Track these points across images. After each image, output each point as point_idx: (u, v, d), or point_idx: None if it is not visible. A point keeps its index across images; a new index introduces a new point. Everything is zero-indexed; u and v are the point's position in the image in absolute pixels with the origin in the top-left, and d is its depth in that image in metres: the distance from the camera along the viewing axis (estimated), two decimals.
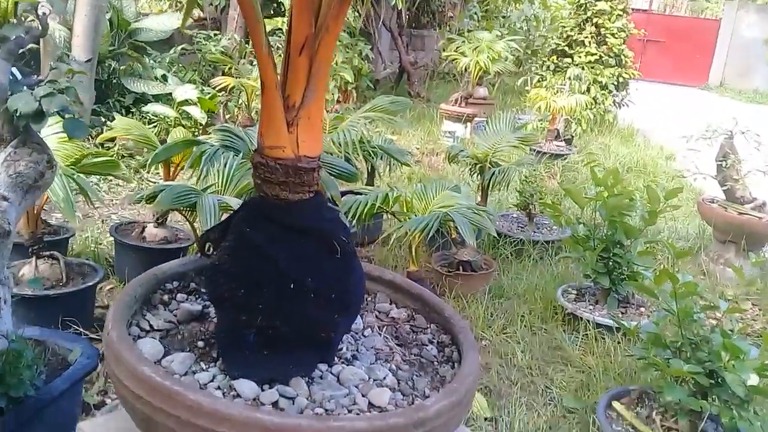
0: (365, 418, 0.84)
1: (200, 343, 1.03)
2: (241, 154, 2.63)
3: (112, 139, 5.03)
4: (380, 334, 1.15)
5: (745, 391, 1.92)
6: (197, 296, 1.17)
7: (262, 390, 0.93)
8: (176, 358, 0.96)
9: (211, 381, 0.94)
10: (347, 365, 1.04)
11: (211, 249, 1.07)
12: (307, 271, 0.97)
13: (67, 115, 1.69)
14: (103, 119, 4.78)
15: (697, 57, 14.70)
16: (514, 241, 3.86)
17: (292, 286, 0.95)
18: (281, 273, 0.96)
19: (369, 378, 1.01)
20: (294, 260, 0.97)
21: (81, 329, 2.52)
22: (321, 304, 0.98)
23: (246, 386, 0.92)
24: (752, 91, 13.57)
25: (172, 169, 3.10)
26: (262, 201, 1.02)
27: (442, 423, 0.88)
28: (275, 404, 0.91)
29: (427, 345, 1.14)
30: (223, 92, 4.53)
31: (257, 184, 1.01)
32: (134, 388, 0.84)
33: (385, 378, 1.02)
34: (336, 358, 1.05)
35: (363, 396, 0.96)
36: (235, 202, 2.19)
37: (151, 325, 1.04)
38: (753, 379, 1.93)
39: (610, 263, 2.96)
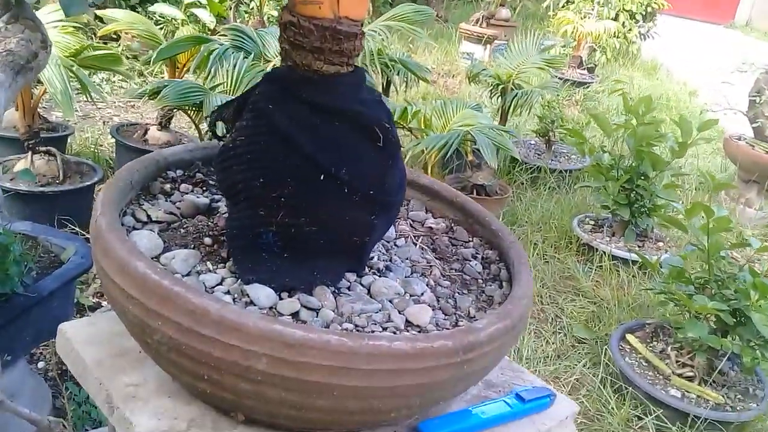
0: (406, 338, 0.68)
1: (207, 240, 0.86)
2: (252, 56, 2.47)
3: (117, 39, 4.83)
4: (416, 245, 0.99)
5: None
6: (204, 188, 1.01)
7: (281, 298, 0.78)
8: (178, 255, 0.80)
9: (219, 284, 0.79)
10: (379, 276, 0.88)
11: (224, 130, 0.90)
12: (342, 160, 0.80)
13: None
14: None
15: None
16: (530, 168, 3.72)
17: (321, 177, 0.79)
18: (309, 160, 0.79)
19: (405, 292, 0.85)
20: (326, 146, 0.80)
21: (78, 229, 2.42)
22: (356, 201, 0.81)
23: (261, 293, 0.77)
24: None
25: (177, 70, 2.94)
26: (289, 72, 0.82)
27: (493, 349, 0.74)
28: (295, 315, 0.77)
29: (470, 260, 0.96)
30: None
31: (285, 50, 0.81)
32: (125, 286, 0.69)
33: (422, 294, 0.85)
34: (366, 268, 0.90)
35: (399, 313, 0.82)
36: None
37: (149, 216, 0.89)
38: None
39: (633, 195, 2.84)
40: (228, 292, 0.78)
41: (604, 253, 2.85)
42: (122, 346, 0.87)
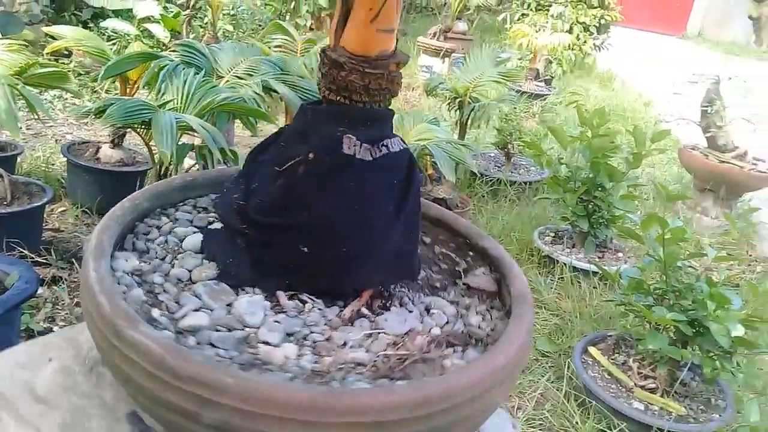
0: None
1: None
2: (203, 71, 2.41)
3: (68, 56, 4.72)
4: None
5: (729, 341, 1.84)
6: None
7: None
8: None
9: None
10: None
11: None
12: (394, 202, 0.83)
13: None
14: (44, 16, 4.43)
15: (676, 5, 14.49)
16: (490, 180, 3.73)
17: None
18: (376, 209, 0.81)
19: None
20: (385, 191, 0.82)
21: (27, 252, 2.33)
22: (409, 238, 0.85)
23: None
24: (729, 43, 13.47)
25: (129, 88, 2.86)
26: (340, 110, 0.82)
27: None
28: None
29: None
30: (187, 9, 4.23)
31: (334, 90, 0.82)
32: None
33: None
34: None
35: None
36: (196, 121, 1.99)
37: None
38: (738, 330, 1.84)
39: (590, 206, 2.85)
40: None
41: (565, 264, 2.86)
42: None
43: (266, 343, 0.70)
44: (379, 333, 0.76)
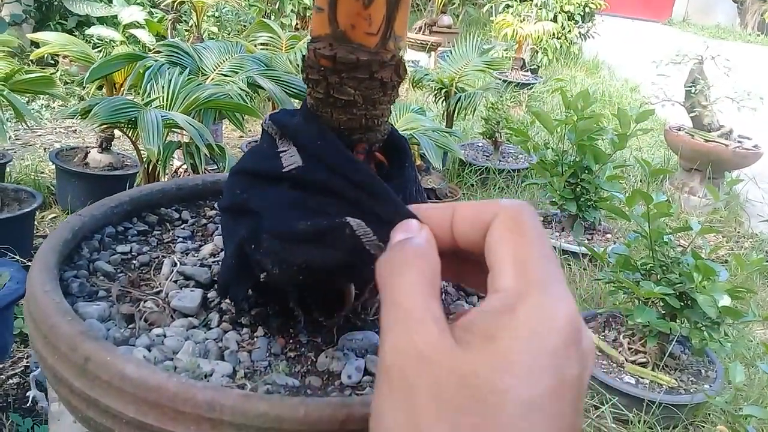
0: None
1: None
2: (188, 70, 2.43)
3: (54, 65, 4.73)
4: None
5: (716, 312, 1.87)
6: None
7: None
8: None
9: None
10: None
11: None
12: None
13: None
14: (26, 16, 4.44)
15: None
16: (479, 169, 3.75)
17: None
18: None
19: None
20: None
21: (18, 258, 2.34)
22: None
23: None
24: (714, 27, 13.55)
25: (115, 91, 2.88)
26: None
27: None
28: None
29: None
30: (172, 12, 4.24)
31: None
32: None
33: None
34: None
35: None
36: (182, 119, 2.00)
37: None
38: (725, 300, 1.87)
39: (578, 189, 2.88)
40: None
41: (555, 248, 2.88)
42: None
43: None
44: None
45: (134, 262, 0.68)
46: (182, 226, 0.75)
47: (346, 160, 0.52)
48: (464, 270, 0.41)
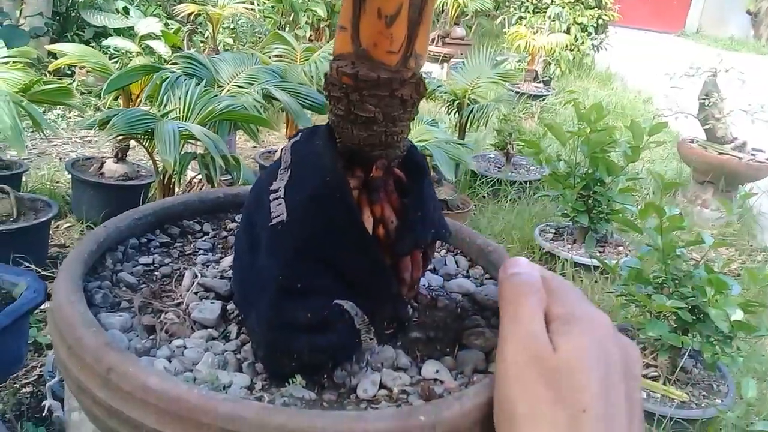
0: None
1: None
2: (204, 82, 2.46)
3: (71, 75, 4.79)
4: None
5: (728, 326, 1.86)
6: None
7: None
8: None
9: None
10: None
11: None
12: None
13: (5, 22, 1.51)
14: (47, 29, 4.50)
15: (674, 3, 14.53)
16: (491, 181, 3.76)
17: None
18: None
19: None
20: None
21: (34, 267, 2.38)
22: None
23: None
24: (728, 39, 13.49)
25: (132, 102, 2.92)
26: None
27: None
28: None
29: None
30: (188, 23, 4.30)
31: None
32: None
33: None
34: None
35: None
36: (198, 129, 2.03)
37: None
38: (737, 315, 1.87)
39: (590, 201, 2.88)
40: None
41: (567, 260, 2.89)
42: None
43: None
44: None
45: (156, 273, 0.69)
46: (203, 239, 0.77)
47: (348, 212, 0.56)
48: None
